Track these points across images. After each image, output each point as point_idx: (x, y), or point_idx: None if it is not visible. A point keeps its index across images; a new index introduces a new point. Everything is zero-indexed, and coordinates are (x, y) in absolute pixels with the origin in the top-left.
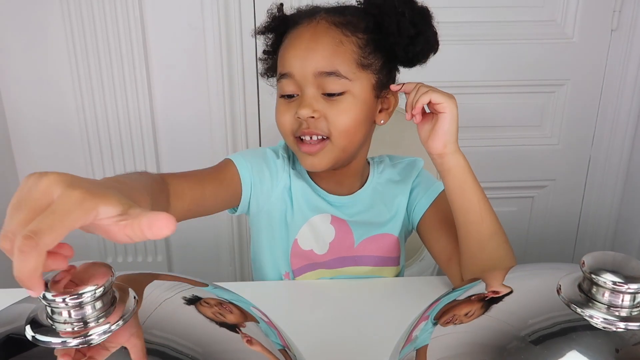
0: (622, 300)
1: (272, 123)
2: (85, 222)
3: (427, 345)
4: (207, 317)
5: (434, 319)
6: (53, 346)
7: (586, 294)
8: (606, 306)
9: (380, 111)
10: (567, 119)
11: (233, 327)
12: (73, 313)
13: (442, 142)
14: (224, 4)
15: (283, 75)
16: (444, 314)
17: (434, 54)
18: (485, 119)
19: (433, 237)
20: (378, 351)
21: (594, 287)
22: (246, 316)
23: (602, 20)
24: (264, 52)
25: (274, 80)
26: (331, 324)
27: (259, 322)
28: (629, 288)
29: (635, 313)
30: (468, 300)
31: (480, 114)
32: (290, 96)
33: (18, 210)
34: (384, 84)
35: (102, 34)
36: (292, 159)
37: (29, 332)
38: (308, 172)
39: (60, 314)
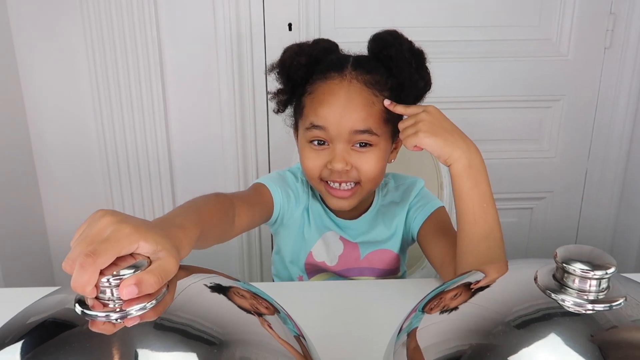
0: (590, 286)
1: (279, 143)
2: (129, 251)
3: (415, 329)
4: (233, 302)
5: (422, 309)
6: (99, 319)
7: (559, 282)
8: (576, 291)
9: (391, 151)
10: (563, 133)
11: (254, 313)
12: (115, 292)
13: (443, 159)
14: (236, 32)
15: (316, 127)
16: (431, 302)
17: (429, 91)
18: (485, 133)
19: (429, 245)
20: (379, 341)
21: (565, 274)
22: (268, 306)
23: (595, 39)
24: (280, 90)
25: (283, 113)
26: (338, 318)
27: (279, 312)
28: (594, 274)
29: (602, 297)
30: (454, 289)
31: (480, 128)
32: (319, 142)
33: (80, 243)
34: (397, 130)
35: (122, 65)
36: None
37: (78, 309)
38: (320, 195)
39: (104, 292)
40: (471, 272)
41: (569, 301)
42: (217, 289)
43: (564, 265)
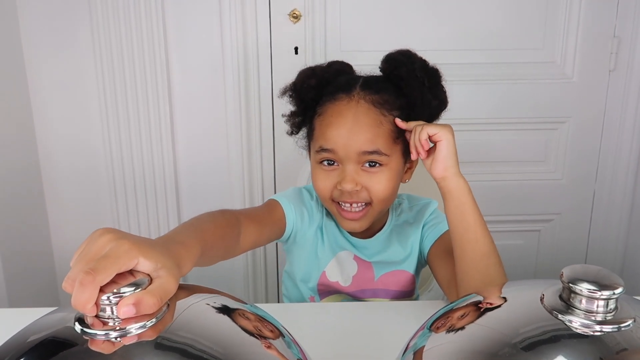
0: (597, 307)
1: (285, 165)
2: (128, 267)
3: (422, 349)
4: (235, 323)
5: (429, 327)
6: (99, 338)
7: (566, 302)
8: (583, 312)
9: (405, 171)
10: (570, 155)
11: (257, 335)
12: (115, 309)
13: (442, 166)
14: (243, 56)
15: (325, 150)
16: (438, 322)
17: (445, 110)
18: (491, 155)
19: (437, 265)
20: None
21: (572, 295)
22: (272, 329)
23: (600, 62)
24: (293, 113)
25: (295, 134)
26: (345, 341)
27: (283, 336)
28: (602, 295)
29: (610, 318)
30: (461, 308)
31: (487, 150)
32: (329, 162)
33: (79, 262)
34: (409, 149)
35: (131, 87)
36: None
37: (77, 327)
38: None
39: (104, 310)
40: (479, 292)
41: (576, 322)
42: (220, 309)
43: (571, 285)
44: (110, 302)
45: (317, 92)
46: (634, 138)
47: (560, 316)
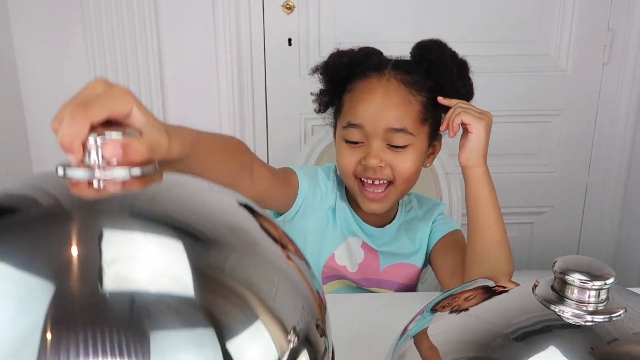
0: (589, 297)
1: (278, 158)
2: (122, 111)
3: (417, 336)
4: (235, 204)
5: (429, 310)
6: (80, 176)
7: (557, 292)
8: (575, 302)
9: (428, 155)
10: (563, 147)
11: (279, 242)
12: (101, 154)
13: (466, 156)
14: (236, 47)
15: (352, 125)
16: (435, 308)
17: (470, 101)
18: None
19: (440, 258)
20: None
21: (564, 285)
22: (297, 251)
23: (593, 54)
24: (322, 91)
25: (323, 112)
26: (342, 331)
27: (309, 266)
28: (593, 285)
29: (601, 308)
30: (454, 297)
31: None
32: (354, 142)
33: (70, 103)
34: (435, 133)
35: (123, 80)
36: (340, 183)
37: (60, 170)
38: (348, 197)
39: (89, 154)
40: (477, 281)
41: (567, 312)
42: (220, 191)
43: (562, 275)
44: (96, 143)
45: (348, 70)
46: (627, 131)
47: (551, 306)
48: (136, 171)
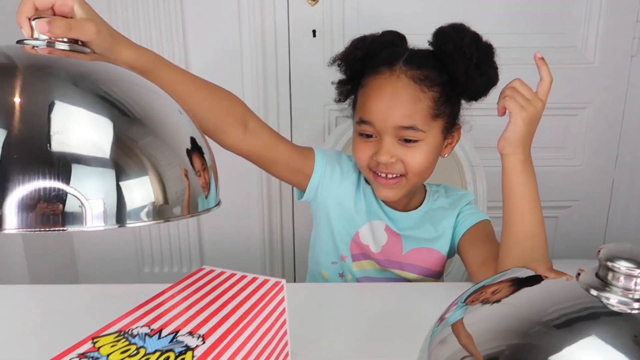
0: (635, 284)
1: (303, 143)
2: (65, 2)
3: (454, 325)
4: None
5: (463, 302)
6: (25, 44)
7: (603, 280)
8: (621, 290)
9: (445, 146)
10: (590, 141)
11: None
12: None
13: (502, 144)
14: (261, 39)
15: (364, 121)
16: (472, 297)
17: (494, 87)
18: None
19: (469, 248)
20: (411, 339)
21: (610, 273)
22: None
23: (621, 47)
24: (340, 82)
25: (343, 102)
26: (372, 320)
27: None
28: None
29: None
30: (494, 285)
31: None
32: (367, 135)
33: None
34: (451, 125)
35: None
36: None
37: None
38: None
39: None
40: (513, 270)
41: (613, 300)
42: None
43: (608, 263)
44: (31, 22)
45: (362, 63)
46: None
47: (596, 294)
48: (64, 45)
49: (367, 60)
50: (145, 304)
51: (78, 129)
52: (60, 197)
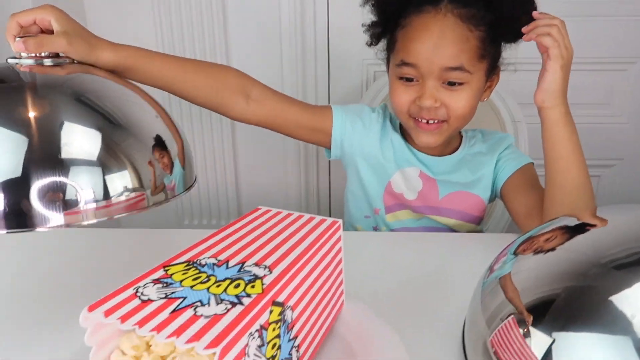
0: None
1: (341, 99)
2: (43, 18)
3: (507, 273)
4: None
5: (513, 253)
6: (10, 63)
7: None
8: None
9: (485, 89)
10: (637, 97)
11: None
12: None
13: (540, 97)
14: (300, 7)
15: (406, 64)
16: (523, 246)
17: None
18: None
19: (514, 196)
20: (458, 289)
21: None
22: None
23: None
24: (373, 23)
25: (374, 45)
26: (410, 270)
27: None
28: None
29: None
30: (546, 233)
31: None
32: (408, 79)
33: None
34: (493, 67)
35: (189, 44)
36: (390, 117)
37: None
38: (401, 130)
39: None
40: (562, 217)
41: None
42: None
43: None
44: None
45: (401, 3)
46: None
47: None
48: (46, 56)
49: None
50: (207, 239)
51: (74, 138)
52: (61, 187)
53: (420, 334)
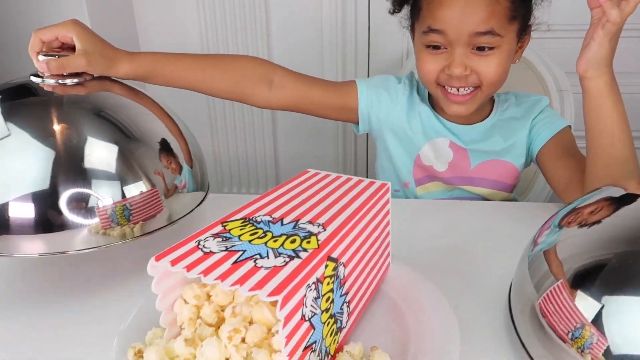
0: None
1: (380, 69)
2: (65, 36)
3: (553, 243)
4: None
5: (557, 224)
6: (35, 81)
7: None
8: None
9: (516, 51)
10: None
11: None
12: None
13: (583, 66)
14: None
15: (433, 30)
16: (567, 217)
17: None
18: None
19: (553, 165)
20: (500, 265)
21: None
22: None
23: None
24: None
25: (398, 12)
26: (443, 239)
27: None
28: None
29: None
30: (592, 204)
31: None
32: (435, 46)
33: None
34: (524, 27)
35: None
36: (417, 87)
37: (33, 78)
38: (430, 100)
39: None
40: (606, 188)
41: None
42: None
43: None
44: (38, 62)
45: None
46: None
47: None
48: (69, 81)
49: None
50: (261, 198)
51: (96, 152)
52: (85, 198)
53: (465, 297)
